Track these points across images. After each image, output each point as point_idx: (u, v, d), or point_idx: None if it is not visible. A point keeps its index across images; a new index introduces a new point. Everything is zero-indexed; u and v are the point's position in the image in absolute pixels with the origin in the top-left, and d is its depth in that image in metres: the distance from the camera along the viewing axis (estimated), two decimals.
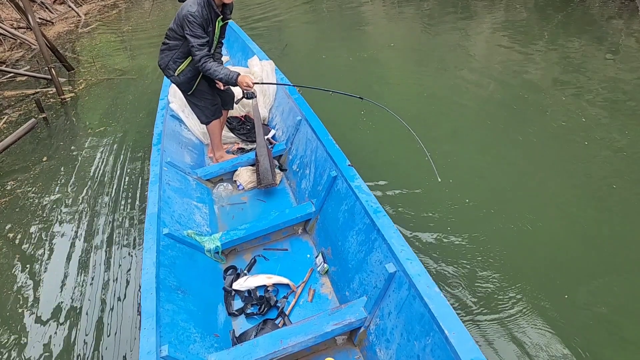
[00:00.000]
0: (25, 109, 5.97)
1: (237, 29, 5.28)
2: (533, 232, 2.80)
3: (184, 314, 2.02)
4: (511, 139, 3.75)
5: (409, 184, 3.29)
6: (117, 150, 4.49)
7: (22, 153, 4.78)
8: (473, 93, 4.63)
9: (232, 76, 2.86)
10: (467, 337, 1.49)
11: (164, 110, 3.72)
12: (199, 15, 2.69)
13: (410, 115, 4.27)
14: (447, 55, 5.68)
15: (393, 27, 7.49)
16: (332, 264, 2.40)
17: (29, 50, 8.79)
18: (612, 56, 5.07)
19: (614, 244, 2.65)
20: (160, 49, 3.02)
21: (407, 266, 1.80)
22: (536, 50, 5.46)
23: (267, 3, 9.78)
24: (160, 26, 9.62)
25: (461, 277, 2.54)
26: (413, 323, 1.72)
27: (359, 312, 1.96)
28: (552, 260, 2.59)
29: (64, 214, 3.62)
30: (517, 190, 3.19)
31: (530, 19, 6.69)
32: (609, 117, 3.86)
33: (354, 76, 5.45)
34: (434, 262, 2.64)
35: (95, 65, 7.38)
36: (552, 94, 4.37)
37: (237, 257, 2.65)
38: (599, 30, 5.93)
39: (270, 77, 3.91)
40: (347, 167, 2.49)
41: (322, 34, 7.56)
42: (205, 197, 3.12)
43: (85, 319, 2.62)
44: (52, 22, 11.04)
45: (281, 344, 1.87)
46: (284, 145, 3.42)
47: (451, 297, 2.42)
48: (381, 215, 2.10)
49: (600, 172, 3.24)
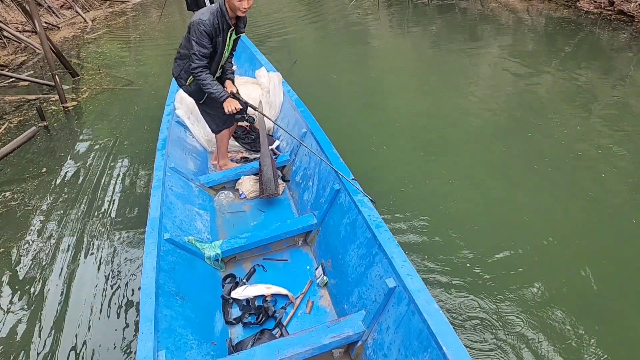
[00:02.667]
0: (26, 115, 5.79)
1: (246, 40, 5.36)
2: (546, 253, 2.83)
3: (182, 320, 2.01)
4: (519, 164, 3.76)
5: (416, 207, 3.31)
6: (120, 164, 4.35)
7: (21, 162, 4.58)
8: (480, 117, 4.67)
9: (222, 95, 2.91)
10: (464, 355, 1.50)
11: (170, 116, 3.75)
12: (209, 24, 2.72)
13: (417, 135, 4.38)
14: (454, 79, 5.73)
15: (400, 48, 7.60)
16: (332, 277, 2.40)
17: (33, 55, 8.71)
18: (622, 85, 5.13)
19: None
20: (174, 58, 3.07)
21: (407, 281, 1.81)
22: (544, 75, 5.53)
23: (275, 21, 9.90)
24: (169, 36, 9.70)
25: (462, 293, 2.55)
26: (411, 339, 1.72)
27: (357, 326, 1.96)
28: (555, 279, 2.61)
29: (62, 226, 3.49)
30: (519, 209, 3.22)
31: (539, 46, 6.75)
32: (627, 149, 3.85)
33: (362, 95, 5.48)
34: (434, 278, 2.65)
35: (100, 73, 7.30)
36: (563, 120, 4.39)
37: (237, 266, 2.65)
38: (609, 60, 6.00)
39: (277, 88, 3.96)
40: (351, 181, 2.51)
41: (330, 51, 7.62)
42: (207, 204, 3.13)
43: (83, 322, 2.60)
44: (58, 27, 11.10)
45: (278, 354, 1.86)
46: (288, 156, 3.44)
47: (450, 314, 2.42)
48: (383, 230, 2.11)
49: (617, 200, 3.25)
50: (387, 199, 3.37)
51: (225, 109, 2.94)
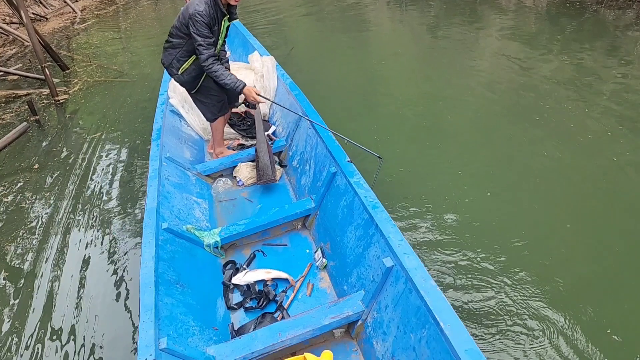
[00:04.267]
0: (17, 110, 5.70)
1: (238, 25, 5.28)
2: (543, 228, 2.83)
3: (183, 307, 2.04)
4: (526, 150, 3.68)
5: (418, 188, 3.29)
6: (114, 156, 4.31)
7: (12, 158, 4.50)
8: (480, 99, 4.60)
9: (238, 85, 2.88)
10: (461, 329, 1.52)
11: (164, 106, 3.72)
12: (206, 14, 2.68)
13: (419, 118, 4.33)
14: (455, 62, 5.62)
15: (398, 31, 7.46)
16: (331, 259, 2.42)
17: (22, 47, 8.52)
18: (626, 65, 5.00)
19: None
20: (163, 47, 3.01)
21: (404, 260, 1.82)
22: (547, 57, 5.40)
23: (270, 7, 9.69)
24: (161, 25, 9.53)
25: (458, 270, 2.57)
26: (409, 316, 1.74)
27: (357, 306, 1.98)
28: (553, 258, 2.63)
29: (58, 221, 3.48)
30: (528, 197, 3.18)
31: (543, 26, 6.59)
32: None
33: (362, 81, 5.39)
34: (430, 256, 2.67)
35: (91, 65, 7.18)
36: (571, 104, 4.28)
37: (237, 252, 2.67)
38: (614, 39, 5.83)
39: (271, 73, 3.92)
40: (347, 164, 2.51)
41: (327, 36, 7.47)
42: (205, 193, 3.14)
43: (84, 313, 2.64)
44: (47, 18, 10.87)
45: (279, 336, 1.89)
46: (284, 141, 3.43)
47: (447, 290, 2.45)
48: (379, 211, 2.12)
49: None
50: (387, 185, 3.35)
51: (246, 98, 2.93)
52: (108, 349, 2.40)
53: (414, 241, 2.81)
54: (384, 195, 2.26)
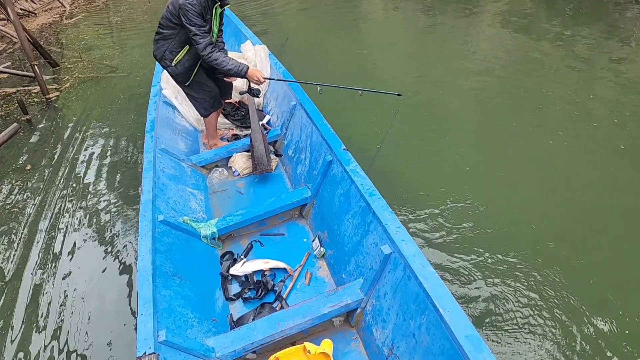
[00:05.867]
0: (7, 109, 5.57)
1: (230, 14, 5.21)
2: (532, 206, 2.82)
3: (181, 299, 2.02)
4: (530, 134, 3.65)
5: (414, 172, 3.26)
6: (108, 152, 4.24)
7: (3, 160, 4.38)
8: (480, 84, 4.56)
9: (242, 68, 2.81)
10: (461, 315, 1.51)
11: (157, 97, 3.68)
12: (197, 4, 2.62)
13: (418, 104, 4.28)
14: (452, 48, 5.56)
15: (393, 19, 7.36)
16: (329, 248, 2.40)
17: (10, 44, 8.34)
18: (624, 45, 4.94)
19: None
20: (154, 39, 2.93)
21: (402, 247, 1.81)
22: (544, 41, 5.34)
23: None
24: (153, 18, 9.36)
25: (456, 256, 2.57)
26: (408, 303, 1.73)
27: (356, 294, 1.97)
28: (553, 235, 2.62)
29: (53, 218, 3.44)
30: (533, 185, 3.16)
31: (538, 9, 6.51)
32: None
33: (358, 70, 5.32)
34: (427, 244, 2.66)
35: (82, 61, 7.04)
36: (573, 88, 4.21)
37: (234, 243, 2.65)
38: (614, 20, 5.73)
39: (264, 62, 3.87)
40: (343, 152, 2.48)
41: (322, 25, 7.36)
42: (201, 184, 3.11)
43: (82, 309, 2.62)
44: (35, 13, 10.69)
45: (279, 326, 1.88)
46: (279, 130, 3.40)
47: (445, 276, 2.44)
48: (376, 198, 2.10)
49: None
50: (384, 174, 3.30)
51: (250, 80, 2.88)
52: (107, 342, 2.39)
53: (412, 228, 2.80)
54: (380, 183, 2.24)
